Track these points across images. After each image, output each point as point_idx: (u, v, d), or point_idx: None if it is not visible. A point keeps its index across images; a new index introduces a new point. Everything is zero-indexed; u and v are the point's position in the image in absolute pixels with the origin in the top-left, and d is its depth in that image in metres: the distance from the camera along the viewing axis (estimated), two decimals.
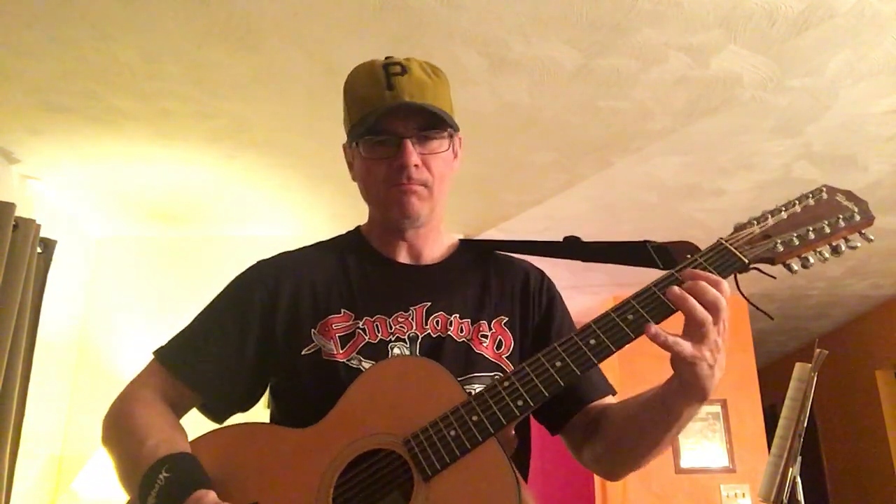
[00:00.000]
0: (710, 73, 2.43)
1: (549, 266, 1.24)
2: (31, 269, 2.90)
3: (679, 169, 3.13)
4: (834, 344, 4.13)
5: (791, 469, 1.94)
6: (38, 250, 3.00)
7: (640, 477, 4.27)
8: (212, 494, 0.87)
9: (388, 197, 1.09)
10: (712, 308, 0.88)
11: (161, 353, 1.10)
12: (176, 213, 3.59)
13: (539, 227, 3.67)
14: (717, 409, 4.42)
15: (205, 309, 1.15)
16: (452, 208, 1.31)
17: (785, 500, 1.93)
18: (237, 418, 1.06)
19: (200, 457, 0.94)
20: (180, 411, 1.08)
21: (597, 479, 4.63)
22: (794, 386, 2.05)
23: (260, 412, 1.16)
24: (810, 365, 2.02)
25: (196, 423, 1.06)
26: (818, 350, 2.01)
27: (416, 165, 1.07)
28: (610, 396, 1.14)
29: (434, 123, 1.08)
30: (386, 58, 1.11)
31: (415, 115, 1.07)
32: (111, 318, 3.66)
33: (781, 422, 2.03)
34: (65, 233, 3.35)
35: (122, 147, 2.94)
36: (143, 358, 1.12)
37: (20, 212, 2.86)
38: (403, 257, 1.17)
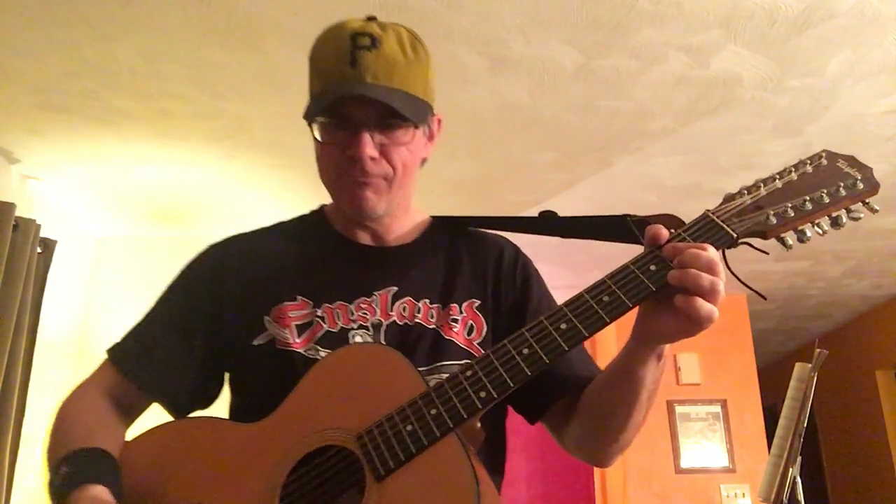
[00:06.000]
0: (710, 73, 2.43)
1: (550, 266, 1.24)
2: (31, 269, 2.90)
3: (679, 169, 3.13)
4: (834, 344, 4.15)
5: (791, 469, 1.94)
6: (38, 250, 3.00)
7: (640, 477, 4.27)
8: (93, 490, 0.81)
9: (341, 187, 1.00)
10: (713, 269, 0.79)
11: (112, 352, 1.05)
12: (176, 213, 3.59)
13: None
14: (717, 409, 4.42)
15: (156, 301, 1.08)
16: (452, 208, 1.29)
17: (785, 500, 1.93)
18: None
19: (136, 455, 0.89)
20: (135, 410, 1.03)
21: (597, 479, 4.63)
22: (794, 386, 2.05)
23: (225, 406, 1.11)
24: (810, 365, 2.02)
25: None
26: (818, 350, 2.01)
27: (372, 158, 0.96)
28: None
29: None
30: (368, 17, 1.01)
31: (377, 101, 0.94)
32: (111, 318, 3.65)
33: (781, 422, 2.03)
34: (65, 233, 3.35)
35: (122, 147, 2.94)
36: None
37: (20, 212, 2.86)
38: (366, 240, 1.07)
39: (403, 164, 0.99)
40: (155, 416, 1.02)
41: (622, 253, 0.92)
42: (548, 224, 1.12)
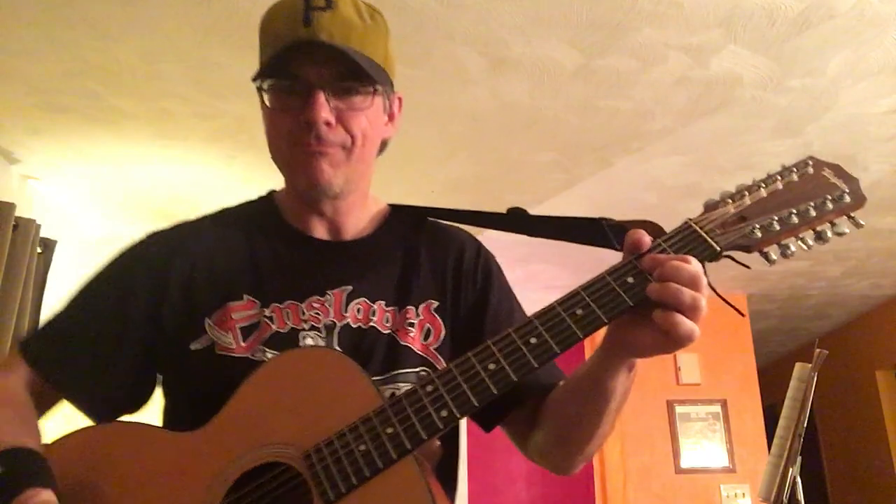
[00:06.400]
0: (710, 73, 2.43)
1: (549, 266, 1.21)
2: (31, 269, 2.90)
3: (679, 169, 3.13)
4: (834, 344, 4.15)
5: (791, 469, 1.94)
6: (38, 250, 3.00)
7: (640, 477, 4.27)
8: (44, 494, 0.72)
9: (293, 159, 0.91)
10: (695, 284, 0.74)
11: (25, 347, 0.92)
12: (176, 213, 3.57)
13: None
14: (717, 409, 4.42)
15: (81, 289, 0.95)
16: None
17: (785, 500, 1.93)
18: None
19: (58, 460, 0.79)
20: (47, 406, 0.92)
21: (597, 479, 4.63)
22: (794, 386, 2.05)
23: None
24: (810, 365, 2.03)
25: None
26: (818, 350, 2.01)
27: (327, 123, 0.88)
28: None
29: (358, 73, 0.88)
30: None
31: (333, 60, 0.87)
32: None
33: (781, 422, 2.03)
34: (65, 233, 3.35)
35: (122, 147, 2.94)
36: None
37: (20, 212, 2.86)
38: (320, 233, 0.98)
39: (363, 134, 0.91)
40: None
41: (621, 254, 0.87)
42: (515, 222, 1.05)
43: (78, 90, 2.54)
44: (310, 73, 0.88)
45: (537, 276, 4.15)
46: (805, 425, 1.98)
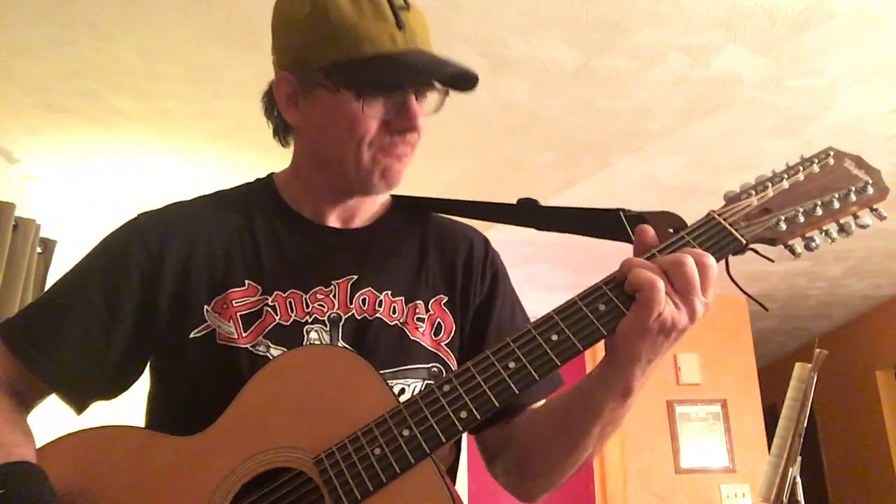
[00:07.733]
0: (710, 73, 2.43)
1: (551, 267, 1.20)
2: (31, 269, 2.90)
3: (679, 169, 3.13)
4: (834, 344, 4.15)
5: (791, 469, 1.94)
6: (38, 250, 3.00)
7: (640, 477, 4.27)
8: None
9: (374, 162, 0.87)
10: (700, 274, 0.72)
11: (8, 332, 0.85)
12: None
13: None
14: (717, 409, 4.42)
15: (69, 273, 0.90)
16: None
17: (785, 500, 1.93)
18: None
19: (54, 467, 0.75)
20: (32, 399, 0.87)
21: (597, 479, 4.63)
22: (794, 386, 2.05)
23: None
24: (810, 365, 2.02)
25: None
26: (818, 350, 2.01)
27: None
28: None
29: (436, 80, 0.88)
30: None
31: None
32: None
33: (781, 422, 2.03)
34: (65, 233, 3.35)
35: (122, 147, 2.94)
36: None
37: (20, 212, 2.86)
38: (332, 220, 0.95)
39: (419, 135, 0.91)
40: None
41: (623, 252, 0.86)
42: (525, 214, 0.99)
43: (78, 90, 2.54)
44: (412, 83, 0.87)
45: (538, 276, 4.15)
46: (805, 425, 1.98)
